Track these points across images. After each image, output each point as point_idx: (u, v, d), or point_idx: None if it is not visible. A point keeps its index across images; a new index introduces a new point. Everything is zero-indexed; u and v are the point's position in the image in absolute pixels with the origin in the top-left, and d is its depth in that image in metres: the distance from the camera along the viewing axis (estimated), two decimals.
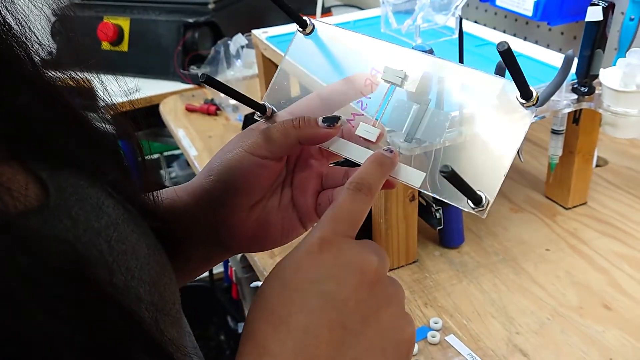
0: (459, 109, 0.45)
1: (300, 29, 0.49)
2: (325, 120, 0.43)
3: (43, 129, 0.32)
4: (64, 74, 0.36)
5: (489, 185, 0.39)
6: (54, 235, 0.27)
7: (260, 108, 0.47)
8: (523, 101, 0.38)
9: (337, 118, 0.43)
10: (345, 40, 0.47)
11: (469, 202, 0.39)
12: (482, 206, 0.39)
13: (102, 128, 0.37)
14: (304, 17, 0.48)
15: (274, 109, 0.48)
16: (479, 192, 0.39)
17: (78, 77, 0.37)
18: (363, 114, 0.45)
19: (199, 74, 0.43)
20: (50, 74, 0.34)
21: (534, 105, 0.38)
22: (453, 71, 0.42)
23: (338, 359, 0.33)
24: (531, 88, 0.38)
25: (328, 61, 0.48)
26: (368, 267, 0.35)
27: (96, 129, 0.37)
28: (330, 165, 0.49)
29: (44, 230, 0.27)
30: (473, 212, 0.40)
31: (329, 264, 0.34)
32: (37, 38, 0.33)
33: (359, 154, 0.44)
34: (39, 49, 0.33)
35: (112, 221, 0.32)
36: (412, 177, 0.42)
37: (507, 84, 0.39)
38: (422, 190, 0.42)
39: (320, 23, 0.49)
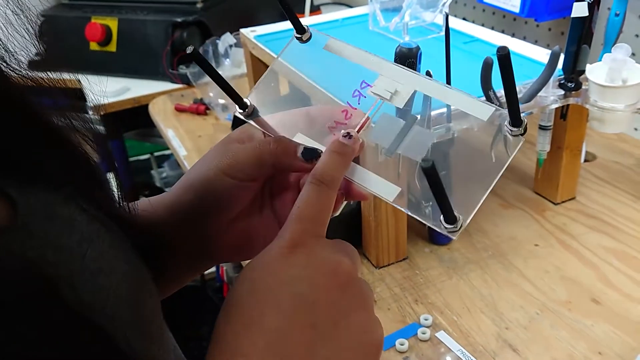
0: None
1: (298, 35, 0.48)
2: (304, 153, 0.42)
3: (10, 143, 0.30)
4: (42, 77, 0.34)
5: (466, 206, 0.39)
6: (20, 256, 0.26)
7: (240, 103, 0.47)
8: (512, 129, 0.38)
9: (317, 153, 0.41)
10: (339, 50, 0.47)
11: (442, 220, 0.38)
12: (455, 226, 0.38)
13: (76, 139, 0.35)
14: (304, 25, 0.47)
15: (256, 107, 0.47)
16: (454, 213, 0.38)
17: (60, 79, 0.36)
18: (346, 123, 0.44)
19: (187, 47, 0.42)
20: (20, 82, 0.32)
21: (521, 134, 0.38)
22: (444, 94, 0.42)
23: (309, 358, 0.33)
24: (522, 117, 0.37)
25: (320, 69, 0.48)
26: (340, 269, 0.35)
27: (69, 141, 0.35)
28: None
29: (9, 251, 0.26)
30: (445, 232, 0.39)
31: (301, 266, 0.34)
32: (4, 45, 0.31)
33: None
34: (7, 57, 0.31)
35: (85, 238, 0.30)
36: (386, 190, 0.41)
37: (496, 112, 0.39)
38: (396, 206, 0.41)
39: (316, 32, 0.48)
